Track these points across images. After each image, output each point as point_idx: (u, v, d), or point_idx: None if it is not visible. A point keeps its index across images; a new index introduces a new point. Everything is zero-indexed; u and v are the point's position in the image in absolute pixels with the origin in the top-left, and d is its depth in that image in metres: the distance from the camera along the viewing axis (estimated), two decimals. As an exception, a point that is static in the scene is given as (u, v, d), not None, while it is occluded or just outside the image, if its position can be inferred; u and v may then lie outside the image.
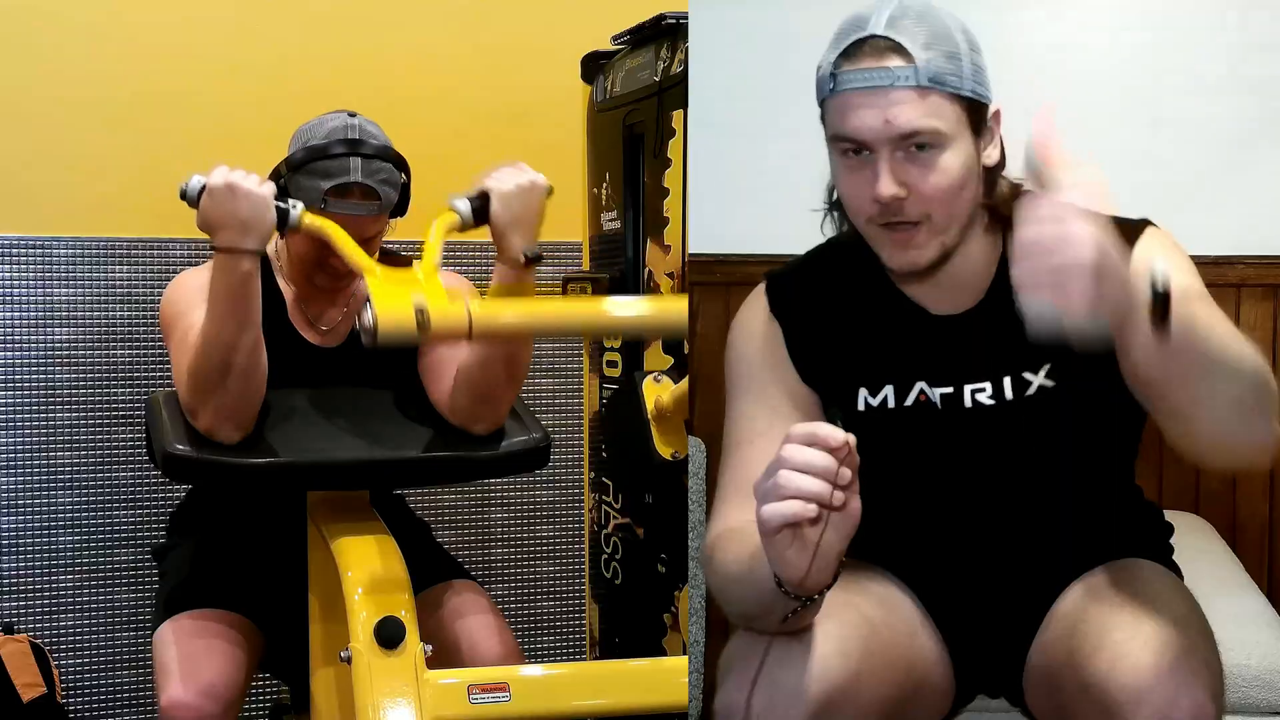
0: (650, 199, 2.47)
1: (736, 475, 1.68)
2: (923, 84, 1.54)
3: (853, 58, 1.55)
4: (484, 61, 3.11)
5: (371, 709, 1.74)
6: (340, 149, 2.07)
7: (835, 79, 1.56)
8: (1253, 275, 2.73)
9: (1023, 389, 1.67)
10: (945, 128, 1.55)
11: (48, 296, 2.87)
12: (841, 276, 1.74)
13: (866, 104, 1.54)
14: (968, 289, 1.68)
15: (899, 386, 1.70)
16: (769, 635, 1.53)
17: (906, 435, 1.70)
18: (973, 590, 1.75)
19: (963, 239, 1.63)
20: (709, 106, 2.42)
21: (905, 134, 1.54)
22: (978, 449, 1.69)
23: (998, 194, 1.64)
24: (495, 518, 3.20)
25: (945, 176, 1.56)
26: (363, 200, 2.09)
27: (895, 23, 1.55)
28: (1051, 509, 1.72)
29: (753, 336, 1.75)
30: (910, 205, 1.56)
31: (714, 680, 1.61)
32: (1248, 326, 2.74)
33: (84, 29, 2.88)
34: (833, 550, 1.38)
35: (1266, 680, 2.09)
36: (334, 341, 2.27)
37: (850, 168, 1.58)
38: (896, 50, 1.54)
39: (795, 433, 1.35)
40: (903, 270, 1.63)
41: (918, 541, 1.77)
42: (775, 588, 1.42)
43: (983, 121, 1.59)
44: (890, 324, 1.71)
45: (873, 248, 1.63)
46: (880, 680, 1.58)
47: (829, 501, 1.34)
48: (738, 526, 1.57)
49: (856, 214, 1.61)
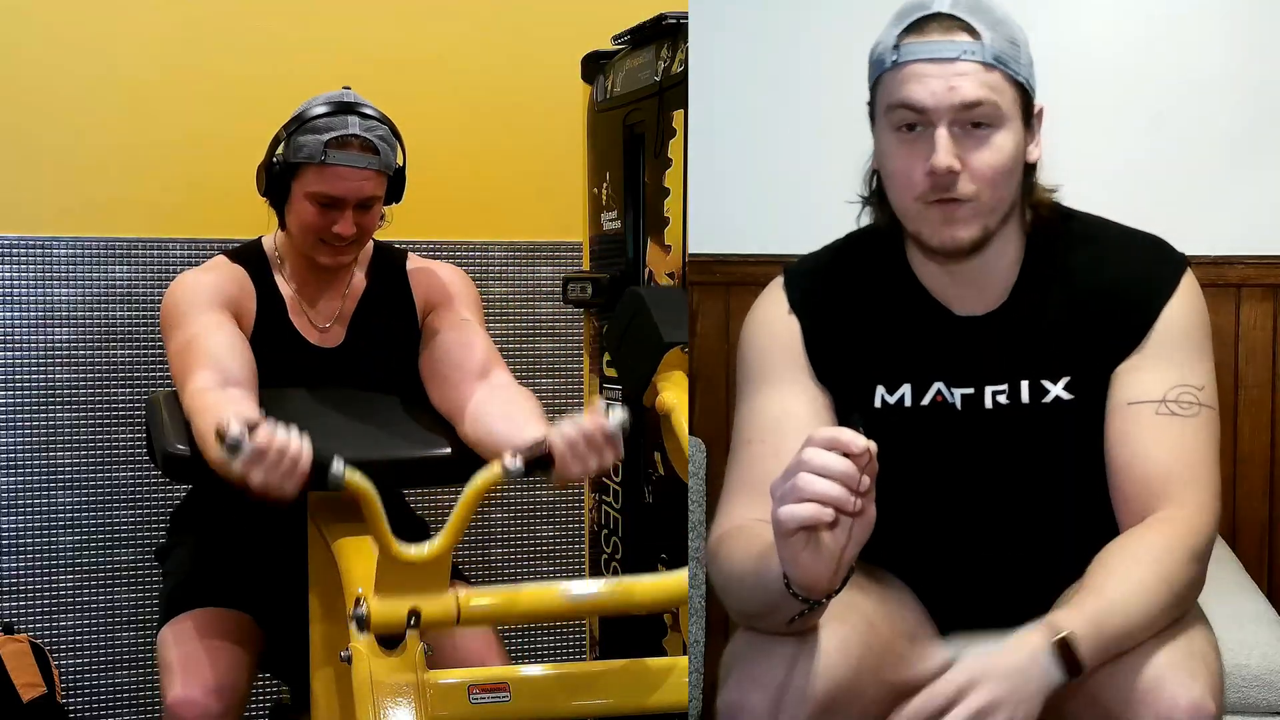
0: (650, 199, 2.47)
1: (745, 472, 1.68)
2: (988, 60, 1.58)
3: (919, 32, 1.59)
4: (484, 61, 3.11)
5: (371, 709, 1.74)
6: (339, 110, 2.14)
7: (899, 50, 1.59)
8: (1253, 275, 2.73)
9: (1040, 396, 1.67)
10: (1004, 105, 1.59)
11: (48, 296, 2.86)
12: (863, 273, 1.74)
13: (932, 73, 1.57)
14: (992, 289, 1.69)
15: (916, 386, 1.70)
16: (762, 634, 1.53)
17: (921, 435, 1.70)
18: (975, 591, 1.75)
19: (999, 231, 1.64)
20: (709, 106, 2.42)
21: (968, 103, 1.56)
22: (990, 451, 1.69)
23: (1036, 195, 1.66)
24: (495, 518, 3.20)
25: (999, 155, 1.59)
26: (362, 152, 2.13)
27: (959, 3, 1.59)
28: (1057, 515, 1.72)
29: (769, 332, 1.75)
30: (963, 181, 1.58)
31: (714, 680, 1.61)
32: (1248, 326, 2.74)
33: (84, 29, 2.87)
34: (846, 556, 1.38)
35: (1266, 680, 2.09)
36: (333, 341, 2.27)
37: (904, 142, 1.60)
38: (964, 28, 1.58)
39: (817, 436, 1.35)
40: (943, 248, 1.63)
41: (922, 541, 1.76)
42: (784, 589, 1.42)
43: (1031, 114, 1.63)
44: (912, 322, 1.71)
45: (911, 228, 1.64)
46: (882, 680, 1.57)
47: (848, 507, 1.33)
48: (745, 524, 1.57)
49: (905, 191, 1.62)
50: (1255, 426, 2.77)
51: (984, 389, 1.68)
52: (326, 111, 2.14)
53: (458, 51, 3.09)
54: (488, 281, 3.11)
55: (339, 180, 2.14)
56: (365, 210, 2.18)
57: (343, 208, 2.15)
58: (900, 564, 1.78)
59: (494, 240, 3.14)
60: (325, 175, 2.14)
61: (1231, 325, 2.73)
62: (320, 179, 2.14)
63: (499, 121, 3.09)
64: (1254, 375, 2.74)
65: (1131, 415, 1.63)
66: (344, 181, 2.14)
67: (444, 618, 1.77)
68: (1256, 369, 2.74)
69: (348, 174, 2.13)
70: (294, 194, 2.16)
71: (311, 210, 2.16)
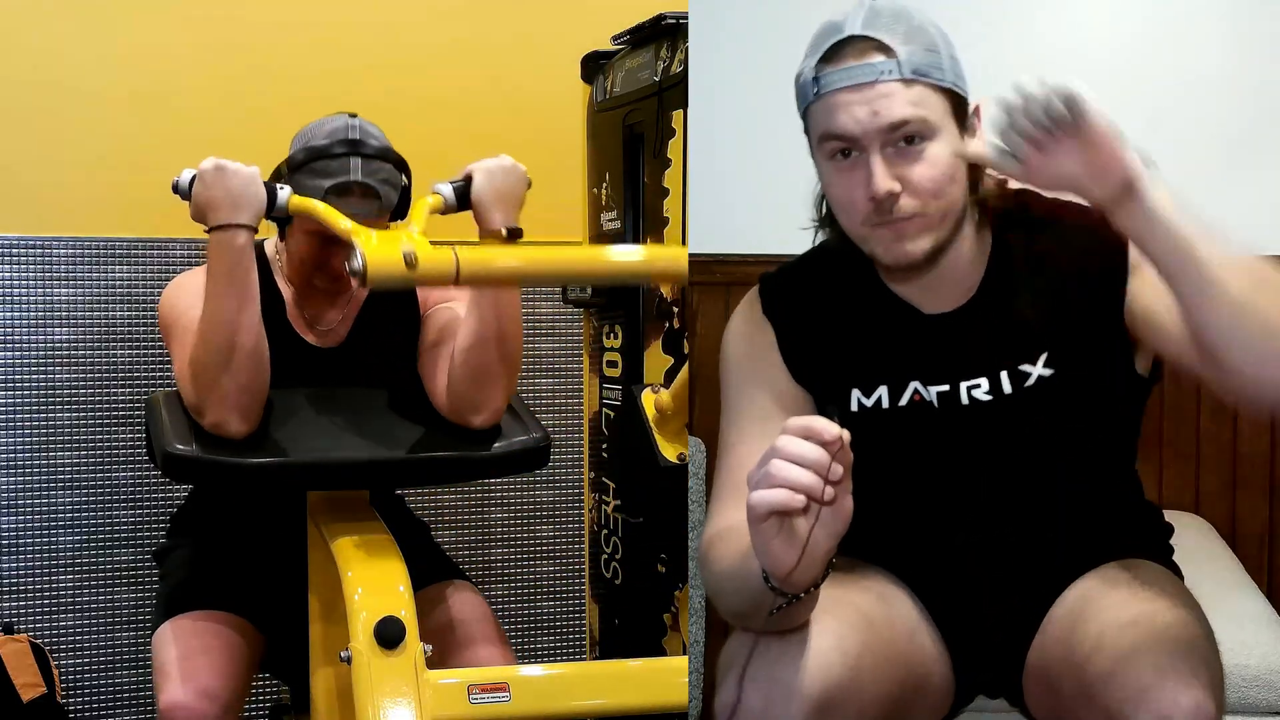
0: (650, 199, 2.47)
1: (731, 476, 1.68)
2: (907, 76, 1.55)
3: (835, 59, 1.57)
4: (484, 62, 3.11)
5: (371, 709, 1.74)
6: (341, 149, 2.08)
7: (819, 82, 1.57)
8: (1253, 275, 2.72)
9: (1021, 381, 1.67)
10: (933, 117, 1.56)
11: (48, 296, 2.87)
12: (833, 278, 1.75)
13: (854, 100, 1.55)
14: (959, 286, 1.68)
15: (893, 387, 1.70)
16: (759, 634, 1.53)
17: (902, 435, 1.70)
18: (972, 590, 1.75)
19: (954, 236, 1.63)
20: (709, 106, 2.42)
21: (895, 124, 1.55)
22: (976, 446, 1.69)
23: (984, 189, 1.65)
24: (495, 518, 3.20)
25: (935, 167, 1.57)
26: (363, 199, 2.09)
27: (872, 22, 1.57)
28: (1051, 506, 1.72)
29: (745, 338, 1.76)
30: (904, 200, 1.57)
31: (714, 680, 1.61)
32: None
33: (84, 29, 2.88)
34: (820, 548, 1.38)
35: (1266, 680, 2.09)
36: (333, 342, 2.27)
37: (840, 170, 1.59)
38: (878, 47, 1.56)
39: (792, 424, 1.36)
40: (897, 264, 1.62)
41: (916, 541, 1.77)
42: (763, 583, 1.42)
43: (965, 116, 1.61)
44: (882, 325, 1.71)
45: (865, 249, 1.63)
46: (880, 678, 1.58)
47: (819, 495, 1.34)
48: (732, 525, 1.57)
49: (849, 216, 1.61)
50: (1255, 427, 2.77)
51: (959, 385, 1.68)
52: (329, 152, 2.08)
53: (457, 51, 3.09)
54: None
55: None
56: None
57: (341, 244, 2.13)
58: (896, 563, 1.78)
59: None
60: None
61: (1231, 325, 2.72)
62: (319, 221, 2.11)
63: (499, 121, 3.09)
64: (1254, 375, 2.73)
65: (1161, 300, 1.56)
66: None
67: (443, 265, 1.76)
68: (1256, 369, 2.73)
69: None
70: (294, 226, 2.16)
71: (310, 244, 2.15)
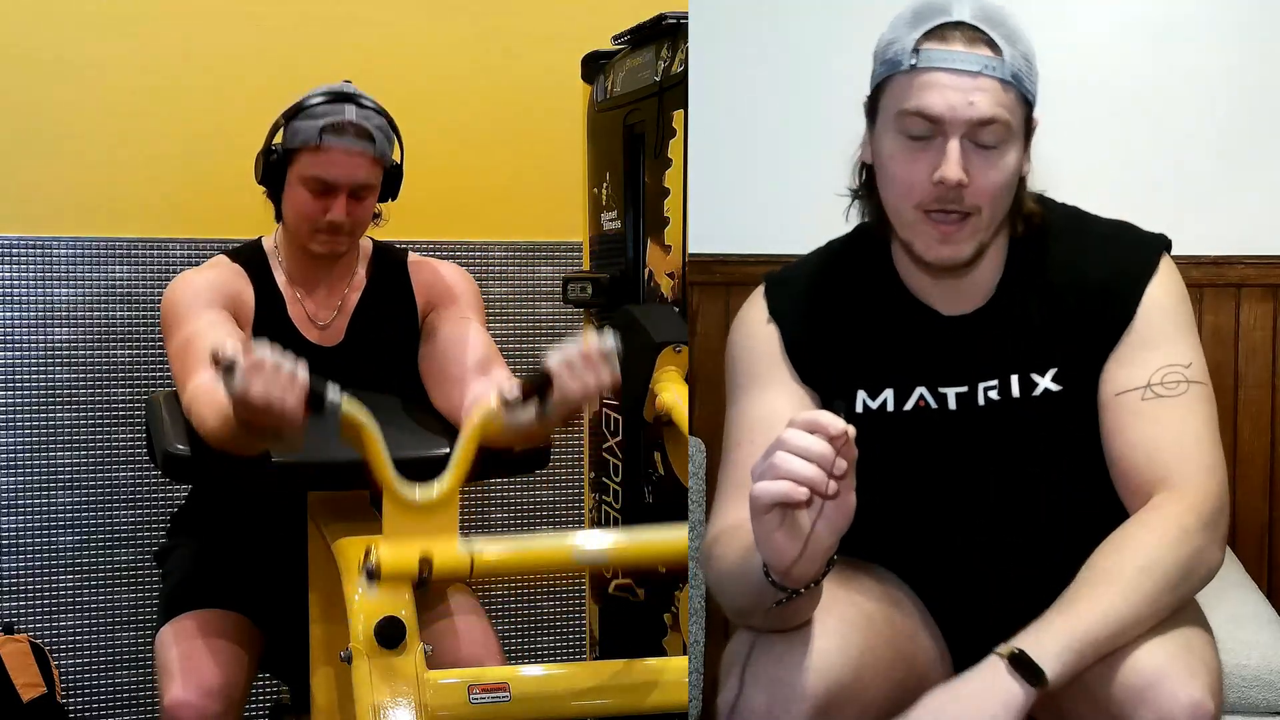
0: (650, 199, 2.47)
1: (735, 474, 1.68)
2: (1006, 78, 1.57)
3: (941, 39, 1.57)
4: (484, 61, 3.11)
5: (371, 709, 1.74)
6: (337, 97, 2.18)
7: (919, 55, 1.57)
8: (1253, 275, 2.72)
9: (1030, 389, 1.67)
10: (1014, 125, 1.58)
11: (48, 296, 2.87)
12: (845, 279, 1.74)
13: (953, 85, 1.56)
14: (977, 290, 1.69)
15: (899, 390, 1.71)
16: (761, 632, 1.53)
17: (906, 438, 1.70)
18: (973, 590, 1.75)
19: (991, 242, 1.64)
20: (709, 106, 2.42)
21: (984, 120, 1.55)
22: (983, 448, 1.69)
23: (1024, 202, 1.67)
24: (495, 518, 3.20)
25: (1002, 174, 1.59)
26: (357, 138, 2.16)
27: (980, 15, 1.58)
28: (1053, 509, 1.72)
29: (750, 338, 1.76)
30: (968, 195, 1.57)
31: (714, 680, 1.61)
32: (1247, 326, 2.74)
33: (84, 29, 2.88)
34: (822, 542, 1.38)
35: (1266, 680, 2.09)
36: (333, 340, 2.27)
37: (910, 148, 1.59)
38: (987, 41, 1.57)
39: (798, 419, 1.36)
40: (939, 263, 1.63)
41: (919, 541, 1.76)
42: (764, 577, 1.42)
43: (1031, 132, 1.63)
44: (897, 325, 1.71)
45: (905, 237, 1.64)
46: (882, 677, 1.58)
47: (822, 489, 1.34)
48: (736, 524, 1.57)
49: (905, 197, 1.61)
50: (1255, 426, 2.77)
51: (977, 386, 1.69)
52: (324, 100, 2.17)
53: (458, 51, 3.09)
54: (488, 281, 3.11)
55: (333, 165, 2.15)
56: (359, 200, 2.19)
57: (336, 193, 2.16)
58: (899, 564, 1.78)
59: (494, 240, 3.14)
60: (320, 159, 2.15)
61: (1231, 325, 2.73)
62: (315, 163, 2.15)
63: (499, 121, 3.10)
64: (1254, 375, 2.74)
65: (1120, 406, 1.64)
66: (338, 166, 2.15)
67: (457, 566, 1.71)
68: (1256, 369, 2.74)
69: (342, 159, 2.15)
70: (290, 179, 2.18)
71: (306, 195, 2.17)
